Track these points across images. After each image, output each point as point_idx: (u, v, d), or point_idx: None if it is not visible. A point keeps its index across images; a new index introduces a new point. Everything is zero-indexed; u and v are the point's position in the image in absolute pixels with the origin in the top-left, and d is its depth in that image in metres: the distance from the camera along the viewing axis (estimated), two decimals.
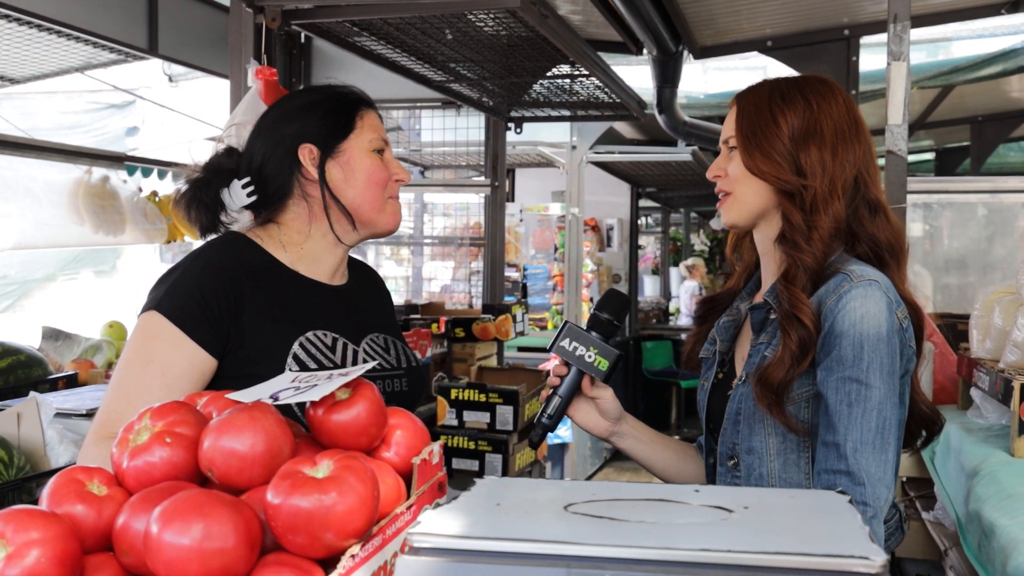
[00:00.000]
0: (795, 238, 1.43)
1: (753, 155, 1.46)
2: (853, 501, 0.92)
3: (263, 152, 1.62)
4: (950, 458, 1.86)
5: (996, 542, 1.35)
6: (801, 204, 1.43)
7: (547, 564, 0.75)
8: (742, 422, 1.46)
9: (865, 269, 1.40)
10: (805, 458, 1.42)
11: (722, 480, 1.51)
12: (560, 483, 1.00)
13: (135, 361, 1.48)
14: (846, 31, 4.10)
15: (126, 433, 1.00)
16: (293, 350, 1.53)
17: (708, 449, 1.59)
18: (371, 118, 1.66)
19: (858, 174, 1.45)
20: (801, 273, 1.41)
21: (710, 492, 0.94)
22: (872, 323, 1.34)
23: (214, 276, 1.52)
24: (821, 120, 1.45)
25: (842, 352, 1.34)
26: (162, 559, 0.83)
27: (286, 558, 0.88)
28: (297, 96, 1.72)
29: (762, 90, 1.51)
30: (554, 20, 2.76)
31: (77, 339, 3.22)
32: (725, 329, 1.60)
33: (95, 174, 3.54)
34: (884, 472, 1.33)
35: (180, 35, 3.90)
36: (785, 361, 1.37)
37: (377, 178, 1.62)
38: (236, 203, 1.63)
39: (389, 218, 1.66)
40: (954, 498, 1.73)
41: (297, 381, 1.11)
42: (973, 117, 7.17)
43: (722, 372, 1.57)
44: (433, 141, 5.22)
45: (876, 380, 1.33)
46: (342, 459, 0.91)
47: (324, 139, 1.61)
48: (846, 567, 0.71)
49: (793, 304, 1.38)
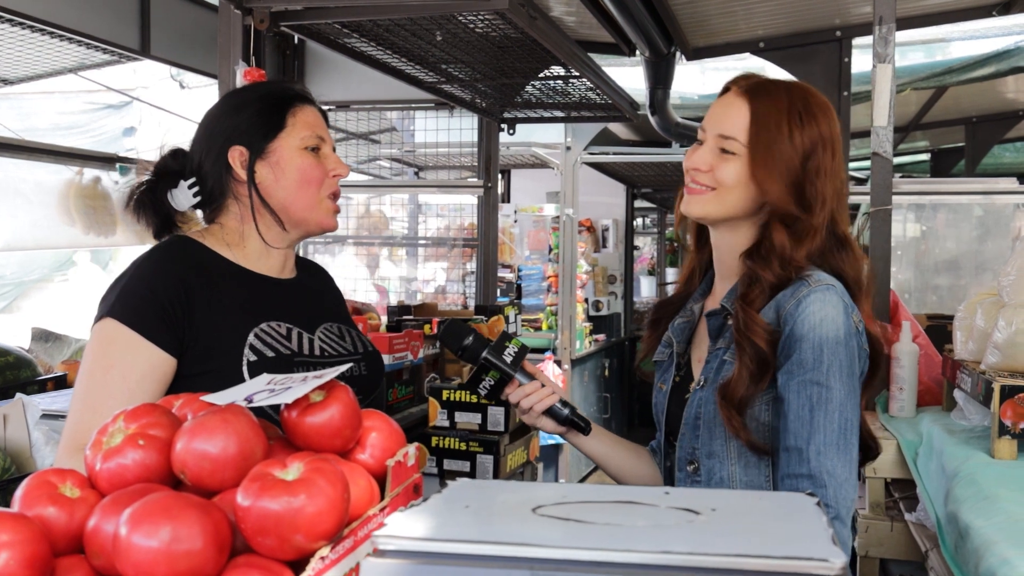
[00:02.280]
0: (771, 259, 1.40)
1: (761, 169, 1.40)
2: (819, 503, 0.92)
3: (200, 152, 1.61)
4: (932, 459, 1.87)
5: (971, 543, 1.35)
6: (791, 232, 1.40)
7: (511, 566, 0.76)
8: (702, 427, 1.46)
9: (822, 275, 1.39)
10: (765, 462, 1.42)
11: (682, 484, 1.50)
12: (532, 485, 1.01)
13: (95, 370, 1.47)
14: (838, 32, 4.11)
15: (100, 435, 1.01)
16: (249, 340, 1.53)
17: (665, 453, 1.58)
18: (305, 114, 1.62)
19: (835, 208, 1.43)
20: (759, 294, 1.39)
21: (679, 494, 0.95)
22: (831, 327, 1.34)
23: (163, 276, 1.51)
24: (827, 144, 1.41)
25: (803, 356, 1.34)
26: (131, 561, 0.83)
27: (256, 560, 0.89)
28: (233, 95, 1.69)
29: (779, 99, 1.43)
30: (543, 21, 2.77)
31: (67, 340, 3.22)
32: (680, 331, 1.58)
33: (86, 175, 3.55)
34: (849, 473, 1.34)
35: (172, 36, 3.90)
36: (744, 378, 1.37)
37: (310, 176, 1.59)
38: (182, 204, 1.62)
39: (323, 217, 1.62)
40: (935, 499, 1.74)
41: (272, 383, 1.11)
42: (968, 118, 7.19)
43: (679, 375, 1.56)
44: (427, 142, 5.22)
45: (836, 382, 1.33)
46: (312, 461, 0.92)
47: (252, 139, 1.58)
48: (805, 569, 0.72)
49: (748, 326, 1.38)
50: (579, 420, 1.59)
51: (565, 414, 1.59)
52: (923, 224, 5.16)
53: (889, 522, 2.05)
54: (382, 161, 6.47)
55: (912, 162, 9.36)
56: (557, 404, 1.58)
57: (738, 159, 1.41)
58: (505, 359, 1.57)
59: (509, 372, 1.58)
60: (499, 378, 1.58)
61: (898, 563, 2.02)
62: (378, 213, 6.03)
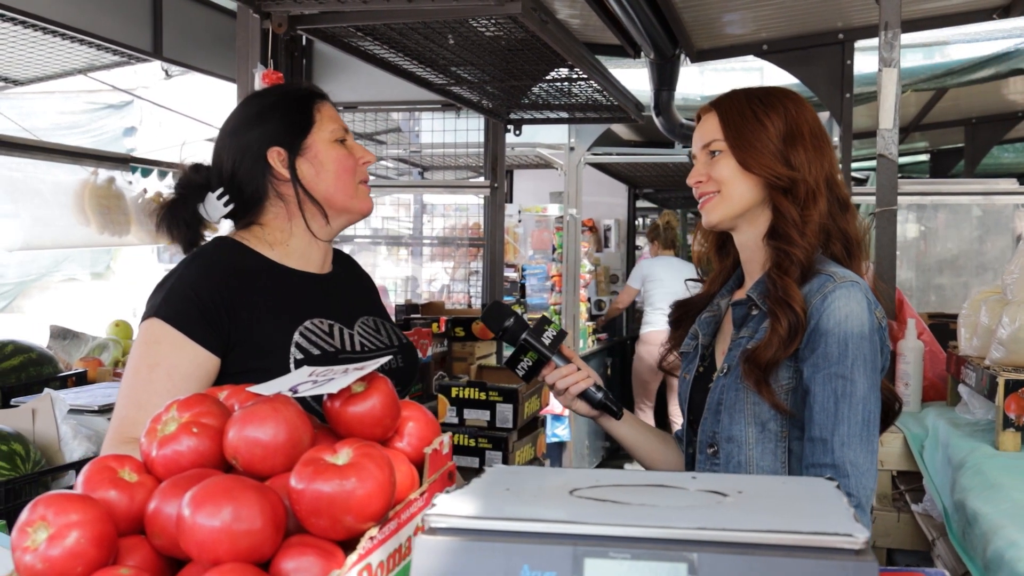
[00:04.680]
0: (789, 232, 1.49)
1: (746, 152, 1.52)
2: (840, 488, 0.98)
3: (232, 161, 1.66)
4: (938, 452, 1.92)
5: (978, 529, 1.41)
6: (794, 199, 1.51)
7: (555, 543, 0.81)
8: (723, 412, 1.53)
9: (846, 272, 1.48)
10: (782, 448, 1.49)
11: (701, 467, 1.58)
12: (566, 471, 1.06)
13: (141, 368, 1.53)
14: (841, 35, 4.17)
15: (154, 424, 1.06)
16: (295, 339, 1.59)
17: (687, 439, 1.66)
18: (327, 109, 1.71)
19: (830, 173, 1.54)
20: (794, 266, 1.48)
21: (706, 479, 1.00)
22: (856, 322, 1.42)
23: (208, 278, 1.58)
24: (800, 123, 1.54)
25: (828, 349, 1.41)
26: (195, 540, 0.89)
27: (309, 539, 0.94)
28: (253, 101, 1.75)
29: (739, 96, 1.58)
30: (554, 25, 2.82)
31: (84, 338, 3.27)
32: (707, 324, 1.66)
33: (101, 175, 3.60)
34: (870, 464, 1.41)
35: (184, 38, 3.95)
36: (773, 343, 1.45)
37: (346, 166, 1.67)
38: (214, 215, 1.68)
39: (362, 202, 1.71)
40: (941, 490, 1.79)
41: (314, 375, 1.17)
42: (967, 119, 7.24)
43: (703, 366, 1.64)
44: (433, 143, 5.27)
45: (860, 376, 1.41)
46: (361, 447, 0.97)
47: (289, 139, 1.65)
48: (832, 543, 0.77)
49: (785, 292, 1.46)
50: (612, 405, 1.67)
51: (599, 398, 1.66)
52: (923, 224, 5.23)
53: (896, 513, 2.11)
54: (387, 162, 6.53)
55: (911, 163, 9.41)
56: (592, 388, 1.66)
57: (725, 155, 1.55)
58: (544, 341, 1.64)
59: (547, 354, 1.64)
60: (537, 359, 1.64)
61: (904, 553, 2.08)
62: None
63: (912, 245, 5.22)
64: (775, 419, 1.48)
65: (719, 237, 1.67)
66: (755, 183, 1.53)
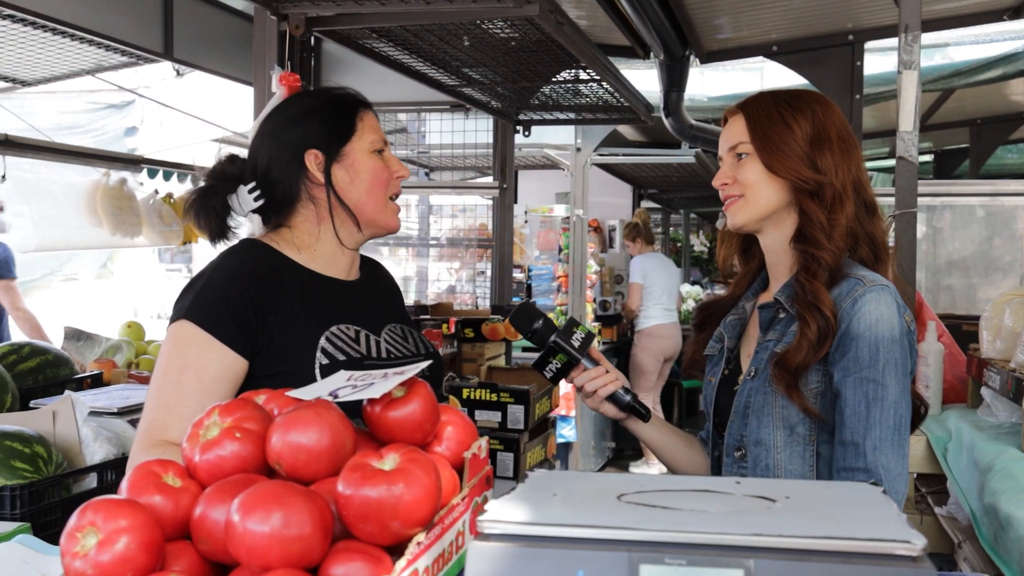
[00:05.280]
0: (816, 235, 1.49)
1: (773, 156, 1.52)
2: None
3: (268, 158, 1.66)
4: (962, 454, 1.92)
5: (1013, 533, 1.41)
6: (821, 202, 1.50)
7: (610, 548, 0.81)
8: (751, 415, 1.53)
9: (875, 276, 1.48)
10: (810, 451, 1.49)
11: (728, 470, 1.57)
12: (608, 476, 1.06)
13: (170, 370, 1.53)
14: (851, 36, 4.17)
15: (196, 429, 1.06)
16: (321, 344, 1.59)
17: (714, 442, 1.66)
18: (370, 119, 1.70)
19: (857, 176, 1.54)
20: (822, 270, 1.48)
21: (751, 483, 1.00)
22: (886, 326, 1.42)
23: (238, 280, 1.57)
24: (827, 126, 1.53)
25: (859, 353, 1.42)
26: (244, 545, 0.89)
27: (356, 545, 0.94)
28: (296, 101, 1.76)
29: (766, 99, 1.58)
30: (569, 27, 2.82)
31: (98, 339, 3.28)
32: (732, 327, 1.66)
33: (113, 176, 3.60)
34: (902, 468, 1.42)
35: (195, 39, 3.95)
36: (803, 348, 1.44)
37: (381, 178, 1.67)
38: (243, 208, 1.67)
39: (391, 218, 1.71)
40: (967, 493, 1.79)
41: (353, 380, 1.16)
42: (972, 120, 7.25)
43: (728, 369, 1.64)
44: (441, 143, 5.27)
45: (891, 380, 1.41)
46: (407, 452, 0.97)
47: (328, 143, 1.65)
48: (890, 550, 0.77)
49: (815, 296, 1.45)
50: (640, 407, 1.66)
51: (627, 400, 1.65)
52: (932, 225, 5.23)
53: (919, 516, 2.11)
54: None
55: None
56: (620, 390, 1.65)
57: (752, 158, 1.54)
58: (573, 343, 1.64)
59: (576, 356, 1.64)
60: (566, 362, 1.64)
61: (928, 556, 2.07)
62: None
63: (920, 246, 5.23)
64: (803, 423, 1.48)
65: (744, 239, 1.67)
66: (781, 186, 1.53)
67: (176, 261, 17.70)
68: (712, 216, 12.62)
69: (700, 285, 10.79)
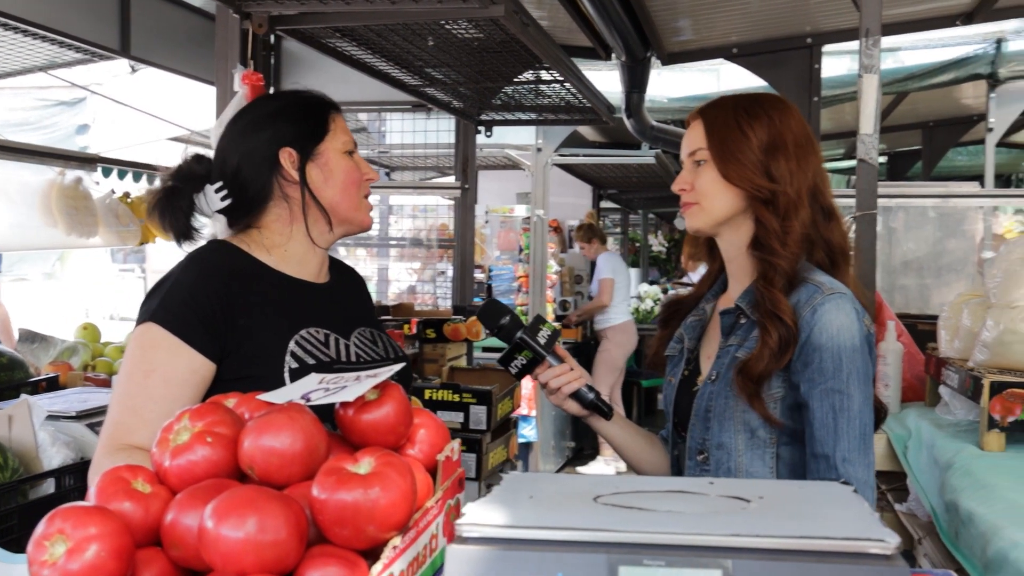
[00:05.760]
0: (771, 243, 1.51)
1: (728, 164, 1.54)
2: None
3: (238, 157, 1.65)
4: (922, 452, 1.96)
5: (974, 529, 1.44)
6: (775, 210, 1.52)
7: (589, 550, 0.81)
8: (712, 419, 1.54)
9: (833, 282, 1.50)
10: (770, 454, 1.51)
11: (691, 473, 1.59)
12: (583, 477, 1.06)
13: (136, 373, 1.51)
14: (809, 40, 4.22)
15: (165, 434, 1.04)
16: (290, 348, 1.57)
17: (673, 442, 1.68)
18: (340, 121, 1.71)
19: (815, 182, 1.55)
20: (780, 278, 1.50)
21: (723, 484, 1.01)
22: (847, 335, 1.44)
23: (206, 282, 1.55)
24: (784, 133, 1.55)
25: (823, 365, 1.44)
26: (219, 552, 0.88)
27: (331, 550, 0.93)
28: (267, 102, 1.75)
29: (725, 105, 1.60)
30: (534, 28, 2.83)
31: (53, 341, 3.21)
32: (692, 328, 1.68)
33: (68, 175, 3.53)
34: (869, 475, 1.44)
35: (153, 36, 3.89)
36: (765, 356, 1.46)
37: (353, 178, 1.67)
38: (210, 208, 1.66)
39: (364, 216, 1.71)
40: (928, 490, 1.83)
41: (325, 383, 1.15)
42: (925, 122, 7.38)
43: (688, 369, 1.65)
44: (403, 143, 5.25)
45: (855, 390, 1.44)
46: (382, 456, 0.97)
47: (302, 142, 1.65)
48: (865, 548, 0.79)
49: (774, 304, 1.47)
50: (603, 404, 1.68)
51: (590, 398, 1.67)
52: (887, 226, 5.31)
53: (879, 512, 2.14)
54: None
55: None
56: (584, 388, 1.66)
57: (708, 165, 1.56)
58: (539, 340, 1.65)
59: (542, 353, 1.65)
60: (531, 358, 1.65)
61: None
62: None
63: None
64: (764, 427, 1.50)
65: (709, 239, 1.69)
66: (736, 194, 1.54)
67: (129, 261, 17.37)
68: (670, 216, 12.70)
69: (659, 285, 10.87)
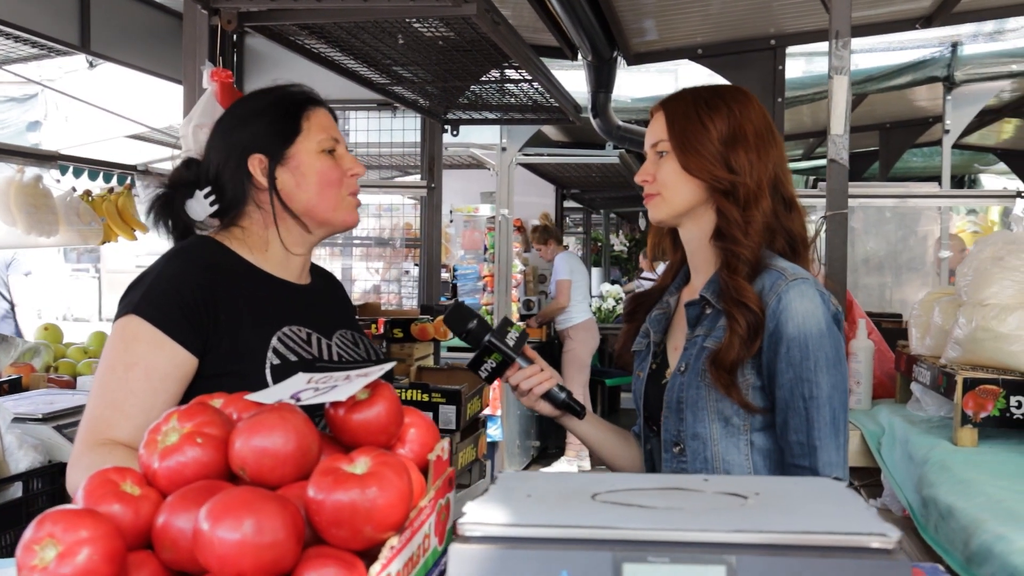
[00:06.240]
0: (733, 233, 1.53)
1: (688, 156, 1.55)
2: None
3: (217, 162, 1.63)
4: (896, 448, 1.99)
5: (955, 523, 1.46)
6: (735, 200, 1.54)
7: (593, 548, 0.81)
8: (685, 410, 1.55)
9: (795, 268, 1.52)
10: (744, 440, 1.53)
11: (668, 466, 1.60)
12: (578, 475, 1.06)
13: (117, 366, 1.48)
14: (772, 41, 4.27)
15: (153, 435, 1.02)
16: (272, 344, 1.56)
17: (645, 436, 1.68)
18: (319, 117, 1.64)
19: (775, 173, 1.58)
20: (742, 264, 1.52)
21: (718, 481, 1.02)
22: (813, 321, 1.46)
23: (190, 276, 1.53)
24: (744, 124, 1.56)
25: (791, 354, 1.46)
26: (215, 554, 0.86)
27: (328, 551, 0.92)
28: (244, 102, 1.71)
29: (686, 98, 1.61)
30: (504, 27, 2.83)
31: (13, 341, 3.15)
32: (657, 322, 1.69)
33: (27, 173, 3.46)
34: (841, 458, 1.47)
35: (113, 32, 3.83)
36: (735, 344, 1.48)
37: (330, 178, 1.62)
38: (200, 214, 1.64)
39: (346, 215, 1.66)
40: (903, 485, 1.86)
41: (313, 382, 1.14)
42: (882, 124, 7.51)
43: (656, 363, 1.66)
44: (368, 142, 5.21)
45: (823, 376, 1.46)
46: (378, 456, 0.96)
47: (271, 147, 1.61)
48: (867, 543, 0.79)
49: (739, 292, 1.49)
50: (575, 404, 1.68)
51: (562, 398, 1.67)
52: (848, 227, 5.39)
53: None
54: None
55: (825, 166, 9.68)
56: (555, 388, 1.66)
57: (670, 157, 1.58)
58: (508, 343, 1.64)
59: (511, 355, 1.64)
60: (501, 361, 1.64)
61: None
62: None
63: None
64: (738, 414, 1.52)
65: (673, 230, 1.70)
66: (697, 185, 1.56)
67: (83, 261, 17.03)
68: (632, 216, 12.79)
69: (620, 284, 10.93)
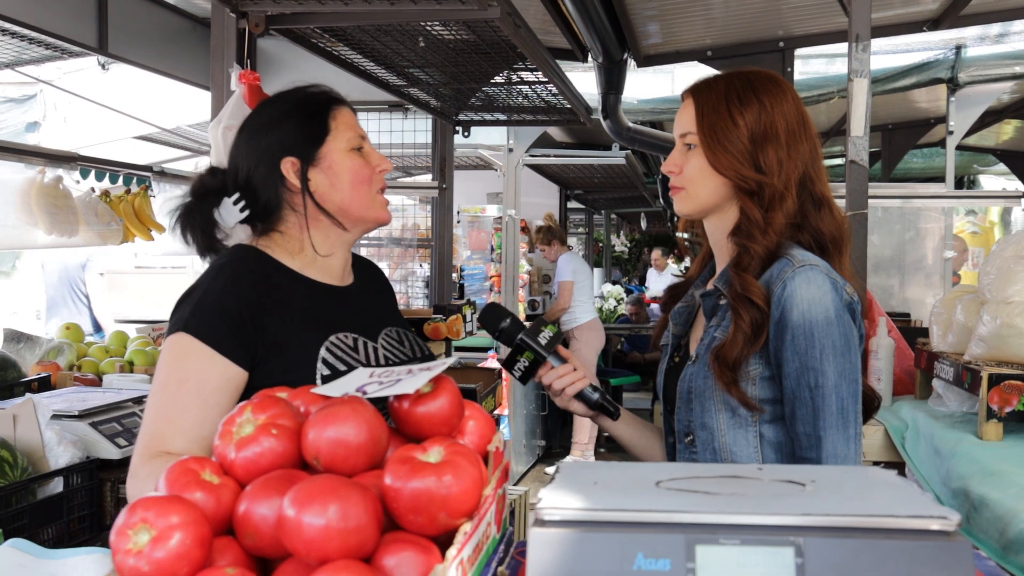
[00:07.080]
0: (752, 231, 1.51)
1: (716, 152, 1.52)
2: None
3: (247, 168, 1.63)
4: (921, 442, 2.03)
5: (989, 513, 1.50)
6: (759, 201, 1.51)
7: (666, 531, 0.85)
8: (694, 400, 1.54)
9: (805, 254, 1.48)
10: (753, 432, 1.51)
11: (681, 456, 1.59)
12: (639, 465, 1.10)
13: (170, 382, 1.50)
14: (781, 43, 4.32)
15: (227, 427, 1.06)
16: (321, 355, 1.56)
17: (668, 429, 1.67)
18: (344, 116, 1.65)
19: (805, 170, 1.54)
20: (754, 262, 1.50)
21: (772, 469, 1.06)
22: (819, 308, 1.42)
23: (235, 290, 1.54)
24: (776, 121, 1.52)
25: (796, 342, 1.43)
26: (301, 539, 0.90)
27: (405, 536, 0.96)
28: (269, 106, 1.70)
29: (718, 88, 1.56)
30: (525, 30, 2.86)
31: (39, 340, 3.18)
32: (679, 315, 1.68)
33: (48, 174, 3.49)
34: (850, 449, 1.43)
35: (130, 34, 3.86)
36: (738, 340, 1.46)
37: (362, 176, 1.63)
38: (230, 221, 1.63)
39: (379, 211, 1.67)
40: (929, 478, 1.90)
41: (376, 376, 1.18)
42: (884, 125, 7.55)
43: (678, 356, 1.65)
44: (379, 143, 5.25)
45: (829, 365, 1.42)
46: (451, 445, 1.00)
47: (302, 148, 1.61)
48: (930, 525, 0.84)
49: (744, 287, 1.47)
50: (608, 404, 1.67)
51: (595, 398, 1.66)
52: None
53: None
54: None
55: (830, 166, 9.76)
56: (588, 388, 1.66)
57: (697, 151, 1.54)
58: (540, 342, 1.64)
59: (543, 354, 1.64)
60: (533, 360, 1.65)
61: None
62: None
63: None
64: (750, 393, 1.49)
65: (691, 220, 1.68)
66: (722, 183, 1.53)
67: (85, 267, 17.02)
68: (633, 217, 12.84)
69: (620, 285, 10.97)
